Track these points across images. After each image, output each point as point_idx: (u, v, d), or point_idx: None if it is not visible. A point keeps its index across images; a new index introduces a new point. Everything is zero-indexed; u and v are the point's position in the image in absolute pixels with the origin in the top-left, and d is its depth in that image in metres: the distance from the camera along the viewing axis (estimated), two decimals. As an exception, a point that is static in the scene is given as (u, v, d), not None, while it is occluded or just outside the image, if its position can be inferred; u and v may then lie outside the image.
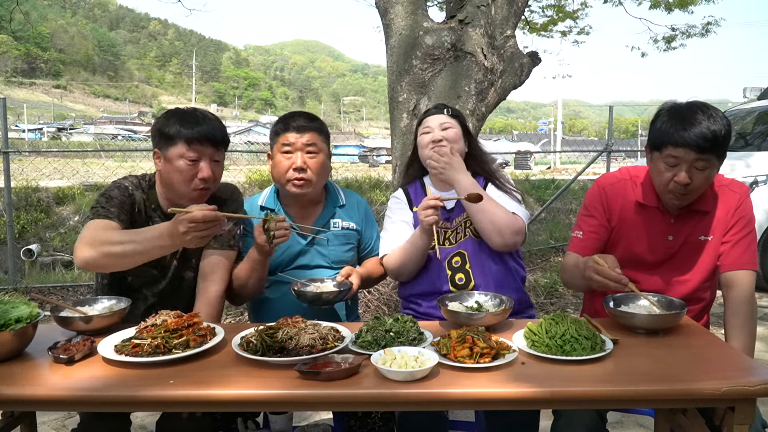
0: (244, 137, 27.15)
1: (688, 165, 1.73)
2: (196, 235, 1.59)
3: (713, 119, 1.70)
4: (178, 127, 1.85)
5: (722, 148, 1.73)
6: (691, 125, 1.70)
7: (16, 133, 33.04)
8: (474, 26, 3.47)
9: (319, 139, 2.09)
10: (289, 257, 2.10)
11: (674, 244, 1.91)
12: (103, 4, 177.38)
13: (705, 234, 1.90)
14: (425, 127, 2.20)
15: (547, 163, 28.94)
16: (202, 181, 1.86)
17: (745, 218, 1.89)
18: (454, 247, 2.13)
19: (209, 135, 1.86)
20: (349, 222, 2.19)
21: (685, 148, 1.70)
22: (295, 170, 2.03)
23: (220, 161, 1.92)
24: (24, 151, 8.46)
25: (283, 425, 1.94)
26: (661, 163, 1.78)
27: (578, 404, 1.51)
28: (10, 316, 1.50)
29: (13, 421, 1.71)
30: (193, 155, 1.84)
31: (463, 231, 2.14)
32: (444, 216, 2.16)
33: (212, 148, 1.87)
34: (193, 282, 1.99)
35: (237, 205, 2.05)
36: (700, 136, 1.68)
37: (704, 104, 1.77)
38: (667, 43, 9.86)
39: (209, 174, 1.86)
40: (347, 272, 2.00)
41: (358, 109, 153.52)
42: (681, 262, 1.92)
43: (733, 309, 1.82)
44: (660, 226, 1.91)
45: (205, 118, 1.89)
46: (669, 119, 1.75)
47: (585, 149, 13.13)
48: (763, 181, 5.26)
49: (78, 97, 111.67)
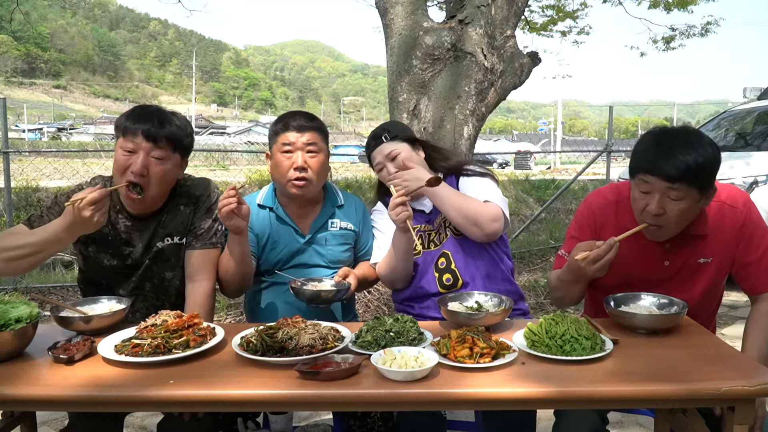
0: (244, 137, 27.16)
1: (660, 194, 1.65)
2: (100, 213, 1.67)
3: (692, 149, 1.60)
4: (124, 119, 1.87)
5: (699, 180, 1.62)
6: (666, 153, 1.62)
7: (16, 133, 33.07)
8: (474, 26, 3.47)
9: (320, 139, 2.09)
10: (287, 256, 2.11)
11: (671, 268, 1.84)
12: (103, 4, 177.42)
13: (704, 257, 1.81)
14: (377, 164, 2.18)
15: (547, 163, 28.96)
16: (133, 174, 1.82)
17: (758, 232, 1.79)
18: (438, 249, 2.13)
19: (146, 130, 1.83)
20: (347, 222, 2.19)
21: (656, 176, 1.63)
22: (296, 170, 2.02)
23: (162, 160, 1.85)
24: (24, 151, 8.45)
25: (283, 425, 1.94)
26: (636, 189, 1.71)
27: (578, 404, 1.50)
28: (10, 316, 1.50)
29: (13, 421, 1.71)
30: (129, 146, 1.83)
31: (444, 231, 2.14)
32: (424, 219, 2.17)
33: (149, 143, 1.83)
34: (179, 282, 1.99)
35: (210, 201, 2.01)
36: (672, 166, 1.60)
37: (689, 132, 1.69)
38: (666, 43, 9.86)
39: (138, 168, 1.81)
40: (345, 273, 2.00)
41: (358, 109, 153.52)
42: (679, 283, 1.85)
43: (758, 321, 1.78)
44: (654, 252, 1.83)
45: (156, 115, 1.87)
46: (648, 144, 1.69)
47: (585, 149, 13.11)
48: (763, 181, 5.26)
49: (78, 98, 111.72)
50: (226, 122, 59.75)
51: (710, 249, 1.81)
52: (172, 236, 1.96)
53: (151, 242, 1.95)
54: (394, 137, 2.17)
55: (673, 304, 1.74)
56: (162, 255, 1.97)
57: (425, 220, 2.17)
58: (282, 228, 2.12)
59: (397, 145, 2.15)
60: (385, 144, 2.16)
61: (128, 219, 1.94)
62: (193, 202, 1.99)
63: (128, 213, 1.94)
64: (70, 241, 1.77)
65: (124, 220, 1.93)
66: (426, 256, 2.13)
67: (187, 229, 1.97)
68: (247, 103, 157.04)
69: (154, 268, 1.98)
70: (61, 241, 1.72)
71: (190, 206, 1.98)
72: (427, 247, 2.14)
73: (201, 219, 1.98)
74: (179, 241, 1.97)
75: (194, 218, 1.98)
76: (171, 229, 1.96)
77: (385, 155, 2.14)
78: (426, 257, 2.13)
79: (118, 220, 1.93)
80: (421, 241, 2.13)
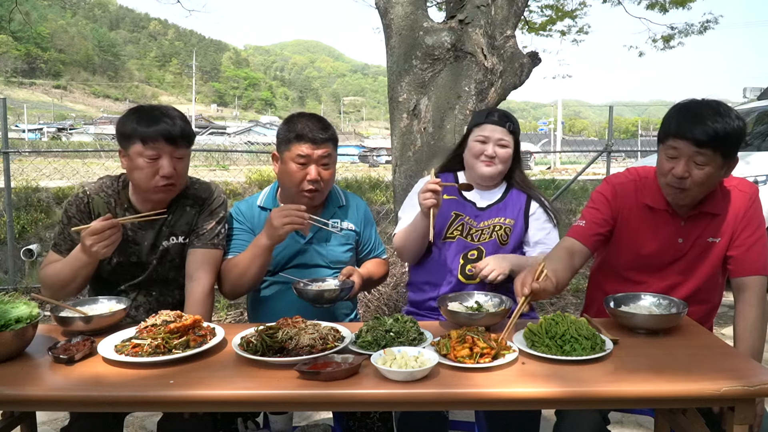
0: (244, 137, 27.16)
1: (687, 158, 1.73)
2: (102, 245, 1.71)
3: (720, 117, 1.69)
4: (134, 125, 1.86)
5: (725, 147, 1.70)
6: (695, 119, 1.70)
7: (16, 133, 33.04)
8: (474, 26, 3.47)
9: (333, 150, 2.07)
10: (288, 256, 2.10)
11: (684, 246, 1.89)
12: (103, 4, 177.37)
13: (714, 236, 1.88)
14: (481, 135, 2.15)
15: (547, 163, 28.91)
16: (163, 179, 1.86)
17: (755, 221, 1.87)
18: (475, 244, 2.16)
19: (165, 133, 1.85)
20: (348, 223, 2.19)
21: (684, 141, 1.71)
22: (309, 182, 2.01)
23: (183, 158, 1.91)
24: (24, 151, 8.42)
25: (283, 425, 1.94)
26: (663, 154, 1.79)
27: (578, 404, 1.51)
28: (10, 316, 1.50)
29: (13, 421, 1.71)
30: (151, 153, 1.85)
31: (490, 233, 2.16)
32: (473, 213, 2.18)
33: (170, 146, 1.87)
34: (183, 282, 2.00)
35: (216, 204, 2.04)
36: (701, 131, 1.68)
37: (718, 103, 1.76)
38: (666, 42, 9.86)
39: (170, 171, 1.86)
40: (348, 272, 2.00)
41: (358, 109, 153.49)
42: (687, 263, 1.91)
43: (744, 313, 1.81)
44: (670, 229, 1.89)
45: (163, 116, 1.88)
46: (677, 113, 1.76)
47: (585, 149, 13.14)
48: (763, 181, 5.26)
49: (78, 98, 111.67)
50: (226, 122, 59.72)
51: (719, 229, 1.87)
52: (177, 236, 1.99)
53: (156, 241, 1.97)
54: (512, 132, 2.17)
55: (673, 304, 1.75)
56: (167, 255, 1.99)
57: (473, 214, 2.18)
58: None
59: (510, 140, 2.16)
60: (505, 130, 2.15)
61: None
62: (198, 203, 2.02)
63: (136, 212, 1.96)
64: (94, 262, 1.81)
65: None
66: (459, 243, 2.16)
67: (191, 230, 2.00)
68: (247, 103, 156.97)
69: (159, 269, 2.00)
70: (87, 265, 1.80)
71: (195, 207, 2.02)
72: (463, 237, 2.16)
73: (205, 220, 2.01)
74: (183, 241, 2.00)
75: (198, 219, 2.01)
76: (176, 229, 1.99)
77: (497, 139, 2.13)
78: (459, 244, 2.16)
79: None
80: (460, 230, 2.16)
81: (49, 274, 1.88)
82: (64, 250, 1.92)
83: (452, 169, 2.30)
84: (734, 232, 1.86)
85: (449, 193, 2.20)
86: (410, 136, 3.57)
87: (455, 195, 2.20)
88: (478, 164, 2.15)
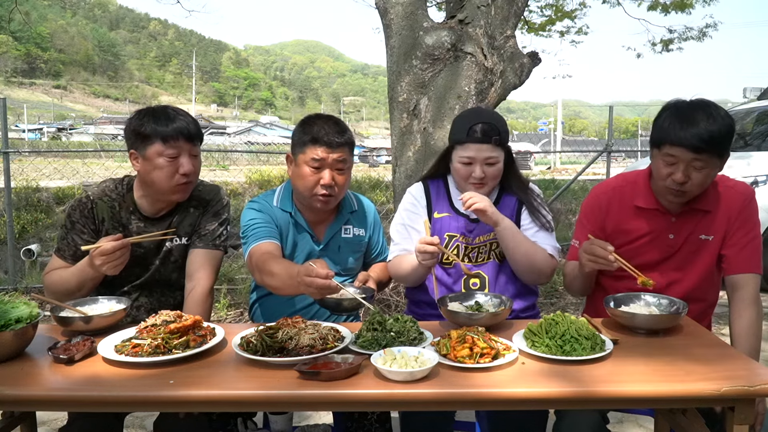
0: (244, 137, 27.15)
1: (686, 164, 1.75)
2: (110, 265, 1.74)
3: (713, 119, 1.71)
4: (153, 125, 1.87)
5: (721, 148, 1.73)
6: (690, 125, 1.71)
7: (16, 133, 33.04)
8: (474, 26, 3.47)
9: (349, 154, 1.99)
10: (303, 261, 2.05)
11: (675, 242, 1.91)
12: (103, 4, 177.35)
13: (706, 233, 1.90)
14: (465, 156, 1.96)
15: (547, 163, 28.93)
16: (183, 177, 1.90)
17: (750, 221, 1.89)
18: (474, 267, 2.05)
19: (184, 131, 1.89)
20: (360, 229, 2.16)
21: (682, 148, 1.72)
22: (324, 187, 1.95)
23: (197, 155, 1.96)
24: (24, 151, 8.44)
25: (283, 425, 1.93)
26: (660, 160, 1.80)
27: (578, 404, 1.50)
28: (10, 316, 1.50)
29: (13, 421, 1.71)
30: (172, 152, 1.87)
31: (487, 253, 2.05)
32: (467, 228, 2.05)
33: (189, 144, 1.91)
34: (184, 283, 2.00)
35: (220, 206, 2.05)
36: (697, 137, 1.69)
37: (707, 103, 1.79)
38: (665, 46, 9.87)
39: (190, 168, 1.90)
40: (364, 278, 1.98)
41: (358, 109, 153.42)
42: (681, 260, 1.92)
43: (739, 312, 1.82)
44: (661, 225, 1.92)
45: (178, 115, 1.92)
46: (670, 117, 1.77)
47: (585, 149, 13.15)
48: (763, 181, 5.26)
49: (78, 98, 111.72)
50: (226, 122, 59.70)
51: (712, 226, 1.89)
52: (180, 237, 2.01)
53: (161, 242, 1.98)
54: (499, 144, 1.96)
55: (673, 304, 1.75)
56: (170, 256, 2.01)
57: (467, 230, 2.05)
58: (299, 234, 2.08)
59: (499, 154, 1.98)
60: (490, 146, 1.94)
61: (140, 220, 1.98)
62: (202, 205, 2.04)
63: (141, 214, 1.98)
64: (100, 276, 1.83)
65: (137, 221, 1.97)
66: (458, 268, 2.04)
67: (193, 230, 2.01)
68: (247, 103, 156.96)
69: (162, 270, 2.01)
70: (94, 278, 1.83)
71: (199, 209, 2.03)
72: (461, 260, 2.04)
73: (207, 221, 2.02)
74: (186, 242, 2.02)
75: (201, 220, 2.02)
76: (180, 230, 2.01)
77: (484, 158, 1.95)
78: (458, 269, 2.05)
79: (130, 221, 1.97)
80: (456, 252, 2.04)
81: (55, 281, 1.88)
82: (68, 256, 1.93)
83: (441, 175, 2.16)
84: (728, 232, 1.88)
85: (440, 210, 2.09)
86: (410, 136, 3.58)
87: (447, 212, 2.08)
88: (469, 187, 1.99)
